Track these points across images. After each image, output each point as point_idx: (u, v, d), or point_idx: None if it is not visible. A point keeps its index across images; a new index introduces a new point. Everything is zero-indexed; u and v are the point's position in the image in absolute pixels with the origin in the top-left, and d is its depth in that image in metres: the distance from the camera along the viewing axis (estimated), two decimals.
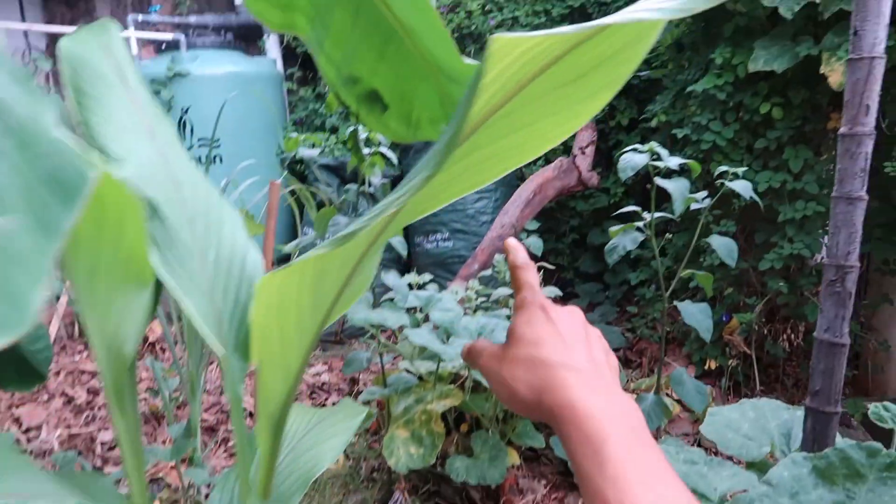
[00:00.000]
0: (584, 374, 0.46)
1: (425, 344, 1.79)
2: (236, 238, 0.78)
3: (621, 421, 0.42)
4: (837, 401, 1.28)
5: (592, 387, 0.45)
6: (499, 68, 0.49)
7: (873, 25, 1.14)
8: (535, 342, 0.49)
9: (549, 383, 0.46)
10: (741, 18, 2.53)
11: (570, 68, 0.54)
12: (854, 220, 1.22)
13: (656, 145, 1.63)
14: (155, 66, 3.71)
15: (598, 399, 0.44)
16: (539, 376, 0.47)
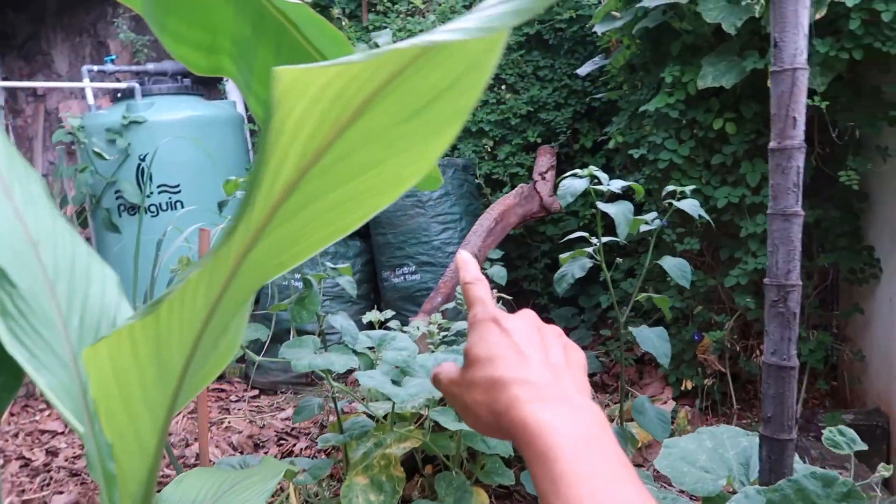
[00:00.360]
0: (538, 386, 0.44)
1: (376, 386, 1.72)
2: (106, 298, 0.72)
3: (573, 432, 0.41)
4: (791, 427, 1.22)
5: (544, 399, 0.43)
6: (303, 105, 0.44)
7: (792, 36, 1.11)
8: (489, 360, 0.47)
9: (504, 404, 0.44)
10: (688, 36, 2.53)
11: (403, 102, 0.49)
12: (791, 236, 1.17)
13: (595, 169, 1.58)
14: (111, 115, 3.67)
15: (551, 412, 0.42)
16: (494, 398, 0.45)
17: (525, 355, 0.47)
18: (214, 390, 3.49)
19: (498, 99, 3.89)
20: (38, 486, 2.59)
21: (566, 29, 3.77)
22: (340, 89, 0.43)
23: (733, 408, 2.77)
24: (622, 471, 0.39)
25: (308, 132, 0.46)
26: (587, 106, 3.79)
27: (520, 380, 0.45)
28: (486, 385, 0.46)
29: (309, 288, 1.84)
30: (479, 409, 0.47)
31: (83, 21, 4.61)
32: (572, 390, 0.45)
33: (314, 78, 0.41)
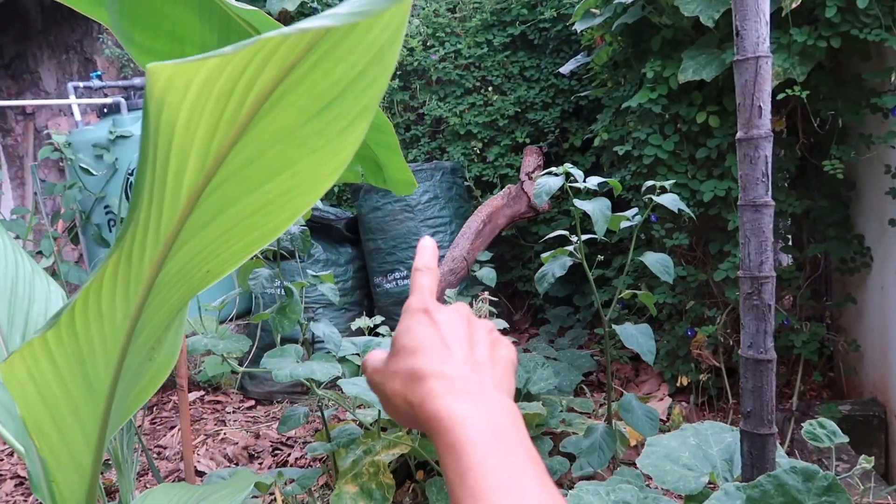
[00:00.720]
0: (454, 380, 0.44)
1: (359, 394, 1.70)
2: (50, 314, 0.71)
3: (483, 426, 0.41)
4: (771, 421, 1.20)
5: (459, 392, 0.43)
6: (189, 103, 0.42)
7: (754, 24, 1.10)
8: (413, 351, 0.47)
9: (420, 396, 0.44)
10: (667, 31, 2.51)
11: (307, 98, 0.48)
12: (763, 227, 1.15)
13: (570, 167, 1.57)
14: (97, 130, 3.67)
15: (463, 405, 0.42)
16: (412, 389, 0.45)
17: (449, 349, 0.47)
18: (210, 402, 3.48)
19: (485, 101, 3.88)
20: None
21: (550, 28, 3.76)
22: (227, 84, 0.42)
23: (729, 402, 2.75)
24: (529, 465, 0.39)
25: (203, 133, 0.44)
26: (574, 105, 3.78)
27: (438, 373, 0.45)
28: (405, 376, 0.46)
29: (290, 296, 1.83)
30: (398, 399, 0.47)
31: (69, 38, 4.61)
32: (489, 386, 0.45)
33: (192, 73, 0.40)
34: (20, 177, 4.69)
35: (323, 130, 0.51)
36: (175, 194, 0.48)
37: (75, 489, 0.61)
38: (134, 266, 0.51)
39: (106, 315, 0.52)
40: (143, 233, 0.49)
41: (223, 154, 0.48)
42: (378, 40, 0.47)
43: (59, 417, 0.56)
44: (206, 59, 0.40)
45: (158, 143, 0.43)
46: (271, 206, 0.56)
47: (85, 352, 0.53)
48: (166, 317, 0.60)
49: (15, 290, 0.66)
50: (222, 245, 0.57)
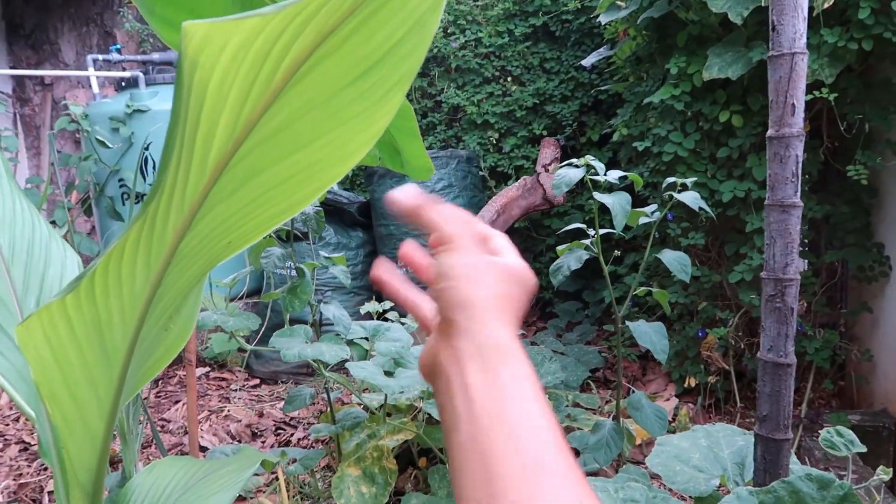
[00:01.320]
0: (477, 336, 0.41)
1: (366, 377, 1.69)
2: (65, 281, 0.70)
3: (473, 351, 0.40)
4: (788, 426, 1.18)
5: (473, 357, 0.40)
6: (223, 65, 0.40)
7: (791, 19, 1.07)
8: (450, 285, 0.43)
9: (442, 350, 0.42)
10: (694, 27, 2.47)
11: (344, 65, 0.46)
12: (789, 228, 1.13)
13: (591, 159, 1.54)
14: (115, 103, 3.66)
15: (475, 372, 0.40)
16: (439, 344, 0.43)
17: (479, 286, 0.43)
18: (215, 379, 3.49)
19: (504, 91, 3.85)
20: (35, 470, 2.59)
21: (573, 20, 3.72)
22: (263, 46, 0.40)
23: (736, 406, 2.72)
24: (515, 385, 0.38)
25: (235, 97, 0.43)
26: (594, 98, 3.74)
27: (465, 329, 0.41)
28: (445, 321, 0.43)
29: (302, 277, 1.82)
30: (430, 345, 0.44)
31: (90, 11, 4.61)
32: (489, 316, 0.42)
33: (229, 32, 0.38)
34: (36, 146, 4.70)
35: (358, 99, 0.49)
36: (202, 160, 0.47)
37: (86, 457, 0.59)
38: (157, 232, 0.49)
39: (126, 281, 0.51)
40: (168, 198, 0.47)
41: (254, 120, 0.46)
42: (419, 8, 0.45)
43: (73, 384, 0.55)
44: (245, 20, 0.38)
45: (189, 106, 0.41)
46: (299, 176, 0.54)
47: (103, 318, 0.52)
48: (185, 287, 0.58)
49: (31, 253, 0.65)
50: (247, 215, 0.55)
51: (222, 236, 0.55)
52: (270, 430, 2.90)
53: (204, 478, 1.00)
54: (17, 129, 4.66)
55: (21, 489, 2.47)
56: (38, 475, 2.55)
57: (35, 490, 2.46)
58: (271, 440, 2.81)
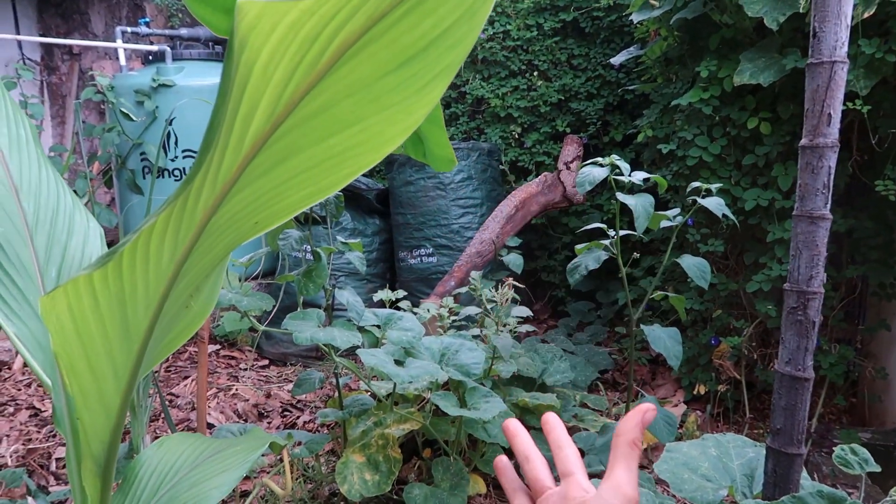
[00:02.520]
0: None
1: (376, 365, 1.69)
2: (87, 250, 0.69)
3: None
4: (801, 441, 1.16)
5: None
6: (272, 46, 0.40)
7: (834, 26, 1.04)
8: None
9: None
10: (727, 30, 2.43)
11: (389, 50, 0.45)
12: (817, 241, 1.11)
13: (617, 158, 1.53)
14: (141, 76, 3.68)
15: None
16: None
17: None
18: (225, 357, 3.51)
19: (529, 85, 3.82)
20: (44, 437, 2.62)
21: (604, 17, 3.68)
22: (313, 29, 0.39)
23: (745, 417, 2.70)
24: None
25: (280, 77, 0.42)
26: (620, 98, 3.71)
27: None
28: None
29: (318, 260, 1.81)
30: None
31: None
32: None
33: (281, 14, 0.37)
34: (61, 115, 4.73)
35: (400, 87, 0.48)
36: (240, 138, 0.46)
37: (100, 429, 0.59)
38: (188, 210, 0.49)
39: (153, 258, 0.51)
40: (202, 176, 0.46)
41: (295, 101, 0.45)
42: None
43: (92, 356, 0.55)
44: (299, 1, 0.37)
45: (235, 85, 0.41)
46: (334, 160, 0.53)
47: (127, 293, 0.52)
48: (209, 265, 0.58)
49: (55, 223, 0.65)
50: (278, 196, 0.55)
51: (251, 216, 0.55)
52: (277, 411, 2.92)
53: (212, 456, 1.00)
54: (43, 97, 4.70)
55: (30, 454, 2.50)
56: (47, 441, 2.58)
57: (43, 456, 2.49)
58: (277, 421, 2.82)
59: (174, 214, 0.48)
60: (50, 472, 2.37)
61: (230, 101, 0.42)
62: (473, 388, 1.85)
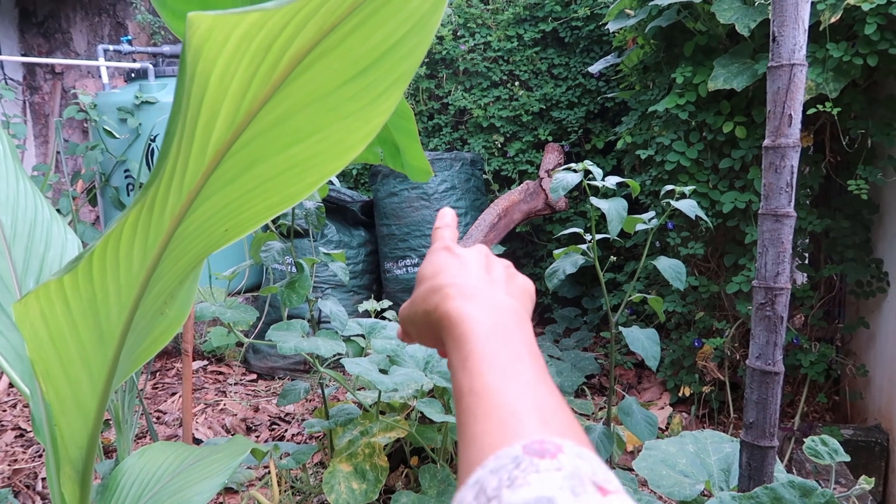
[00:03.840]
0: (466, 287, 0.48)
1: (361, 373, 1.70)
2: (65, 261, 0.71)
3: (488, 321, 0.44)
4: (773, 434, 1.19)
5: (468, 296, 0.47)
6: (226, 57, 0.42)
7: (792, 31, 1.08)
8: (434, 274, 0.51)
9: (436, 302, 0.48)
10: (701, 37, 2.48)
11: (344, 61, 0.47)
12: (782, 238, 1.14)
13: (589, 164, 1.56)
14: (124, 94, 3.69)
15: (470, 305, 0.46)
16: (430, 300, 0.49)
17: (466, 267, 0.51)
18: (212, 372, 3.51)
19: (511, 95, 3.86)
20: (30, 457, 2.61)
21: (582, 27, 3.73)
22: (265, 40, 0.41)
23: (730, 417, 2.73)
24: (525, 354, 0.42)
25: (237, 87, 0.44)
26: (600, 106, 3.76)
27: (452, 283, 0.48)
28: (428, 292, 0.49)
29: (301, 271, 1.83)
30: (419, 316, 0.50)
31: (103, 1, 4.64)
32: (500, 294, 0.49)
33: (232, 25, 0.39)
34: (44, 135, 4.73)
35: (356, 96, 0.50)
36: (202, 147, 0.48)
37: (78, 435, 0.61)
38: (155, 216, 0.51)
39: (123, 263, 0.52)
40: (167, 184, 0.49)
41: (254, 111, 0.48)
42: (420, 8, 0.46)
43: (67, 361, 0.56)
44: (248, 13, 0.39)
45: (191, 95, 0.43)
46: (297, 168, 0.55)
47: (99, 298, 0.54)
48: (182, 272, 0.60)
49: (32, 234, 0.67)
50: (244, 204, 0.57)
51: (220, 223, 0.57)
52: (265, 424, 2.92)
53: (194, 463, 1.01)
54: (25, 117, 4.69)
55: (15, 475, 2.49)
56: (33, 461, 2.57)
57: (29, 476, 2.48)
58: (265, 435, 2.82)
59: (141, 220, 0.50)
60: (36, 493, 2.36)
61: (188, 112, 0.44)
62: None
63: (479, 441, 0.36)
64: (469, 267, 0.51)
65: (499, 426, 0.36)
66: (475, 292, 0.47)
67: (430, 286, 0.49)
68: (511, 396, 0.38)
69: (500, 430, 0.36)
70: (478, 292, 0.47)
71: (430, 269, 0.52)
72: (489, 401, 0.38)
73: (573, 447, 0.33)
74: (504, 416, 0.37)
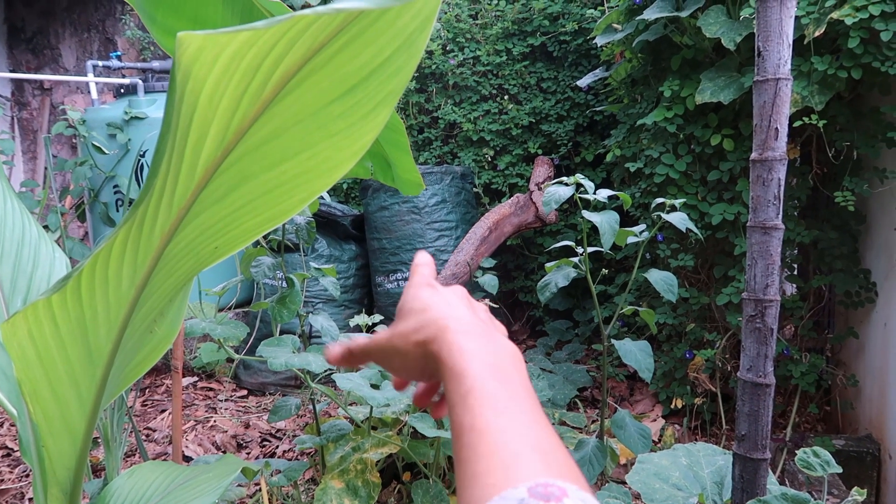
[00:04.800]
0: (463, 322, 0.49)
1: (352, 389, 1.70)
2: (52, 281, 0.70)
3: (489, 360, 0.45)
4: (765, 446, 1.19)
5: (468, 332, 0.48)
6: (215, 75, 0.42)
7: (776, 45, 1.09)
8: (424, 308, 0.51)
9: (433, 333, 0.48)
10: (688, 51, 2.51)
11: (332, 80, 0.48)
12: (770, 250, 1.15)
13: (581, 177, 1.56)
14: (113, 109, 3.68)
15: (472, 341, 0.47)
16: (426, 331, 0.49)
17: (454, 305, 0.51)
18: (203, 388, 3.48)
19: (500, 109, 3.88)
20: (16, 477, 2.57)
21: (570, 41, 3.76)
22: (254, 59, 0.41)
23: (722, 428, 2.73)
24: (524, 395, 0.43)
25: (226, 106, 0.44)
26: (589, 119, 3.78)
27: (451, 317, 0.49)
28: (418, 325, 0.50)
29: (291, 287, 1.82)
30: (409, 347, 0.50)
31: (92, 17, 4.64)
32: (495, 333, 0.50)
33: (222, 45, 0.40)
34: (32, 150, 4.71)
35: (345, 114, 0.50)
36: (192, 166, 0.48)
37: (65, 456, 0.60)
38: (144, 234, 0.50)
39: (112, 282, 0.52)
40: (157, 202, 0.48)
41: (243, 129, 0.48)
42: (408, 27, 0.46)
43: (55, 381, 0.56)
44: (238, 33, 0.39)
45: (181, 113, 0.43)
46: (287, 185, 0.55)
47: (87, 317, 0.53)
48: (171, 290, 0.59)
49: (20, 254, 0.66)
50: (234, 221, 0.56)
51: (209, 241, 0.56)
52: (256, 441, 2.89)
53: (184, 483, 1.00)
54: (13, 133, 4.67)
55: (2, 495, 2.45)
56: (20, 482, 2.53)
57: (16, 496, 2.44)
58: (256, 451, 2.80)
59: (130, 238, 0.50)
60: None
61: (178, 130, 0.44)
62: None
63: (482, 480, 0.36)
64: (456, 305, 0.51)
65: (502, 466, 0.37)
66: (472, 329, 0.48)
67: (423, 319, 0.50)
68: (513, 436, 0.39)
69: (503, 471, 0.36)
70: (475, 329, 0.48)
71: (418, 304, 0.52)
72: (491, 439, 0.39)
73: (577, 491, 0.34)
74: (507, 456, 0.37)
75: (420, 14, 0.47)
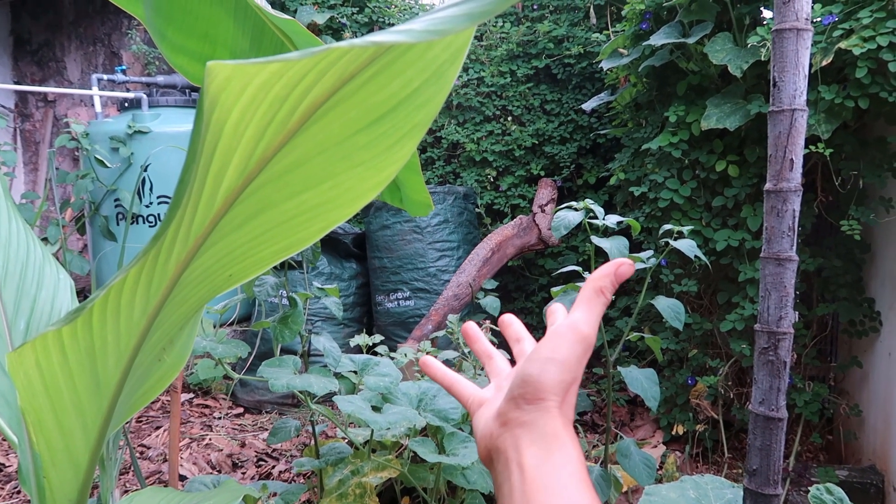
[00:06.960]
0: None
1: (353, 412, 1.67)
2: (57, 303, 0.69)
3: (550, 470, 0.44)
4: (777, 481, 1.16)
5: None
6: (242, 105, 0.41)
7: (792, 76, 1.09)
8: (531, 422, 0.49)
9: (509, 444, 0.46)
10: (694, 77, 2.52)
11: (359, 110, 0.46)
12: (784, 282, 1.13)
13: (591, 203, 1.55)
14: (116, 123, 3.68)
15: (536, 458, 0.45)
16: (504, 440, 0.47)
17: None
18: (199, 405, 3.44)
19: (503, 130, 3.89)
20: (8, 493, 2.52)
21: (575, 64, 3.78)
22: (283, 90, 0.40)
23: (724, 456, 2.70)
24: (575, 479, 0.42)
25: (250, 135, 0.43)
26: (592, 142, 3.79)
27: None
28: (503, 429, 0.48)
29: (294, 306, 1.80)
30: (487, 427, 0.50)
31: (98, 31, 4.66)
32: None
33: (251, 75, 0.38)
34: (34, 162, 4.70)
35: (371, 144, 0.49)
36: (212, 194, 0.47)
37: (68, 487, 0.58)
38: (160, 264, 0.49)
39: (124, 311, 0.50)
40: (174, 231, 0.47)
41: (267, 158, 0.46)
42: (438, 59, 0.45)
43: (61, 412, 0.54)
44: (268, 64, 0.38)
45: (206, 142, 0.42)
46: (307, 215, 0.54)
47: (97, 347, 0.51)
48: (182, 318, 0.57)
49: (24, 276, 0.64)
50: (251, 249, 0.55)
51: (224, 269, 0.55)
52: (252, 460, 2.85)
53: None
54: (16, 144, 4.66)
55: None
56: (11, 498, 2.49)
57: None
58: (252, 471, 2.75)
59: (146, 268, 0.48)
60: None
61: (201, 158, 0.43)
62: (452, 433, 1.83)
63: None
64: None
65: None
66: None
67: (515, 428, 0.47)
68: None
69: None
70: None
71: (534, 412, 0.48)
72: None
73: None
74: None
75: (451, 46, 0.45)
